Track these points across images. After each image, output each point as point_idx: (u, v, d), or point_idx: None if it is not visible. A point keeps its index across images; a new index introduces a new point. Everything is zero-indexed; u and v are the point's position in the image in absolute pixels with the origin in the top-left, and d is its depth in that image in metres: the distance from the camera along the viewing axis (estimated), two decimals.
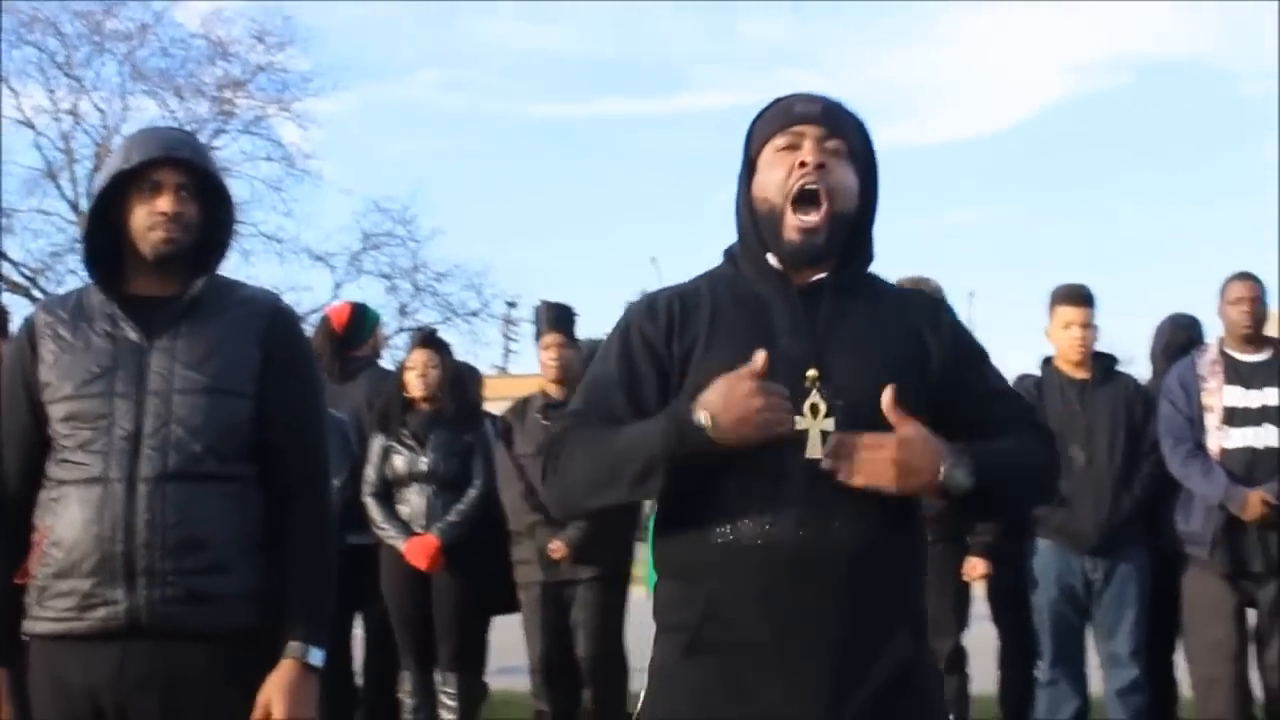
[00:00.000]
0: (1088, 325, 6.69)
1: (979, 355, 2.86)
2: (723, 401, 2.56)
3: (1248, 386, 6.39)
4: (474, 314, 33.66)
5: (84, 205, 30.62)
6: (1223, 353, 6.49)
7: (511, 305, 36.69)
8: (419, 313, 32.66)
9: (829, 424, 2.63)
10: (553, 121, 66.68)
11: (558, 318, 6.95)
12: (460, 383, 6.99)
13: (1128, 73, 70.23)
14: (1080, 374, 6.69)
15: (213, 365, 3.14)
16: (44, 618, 3.10)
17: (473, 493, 6.74)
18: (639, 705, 2.78)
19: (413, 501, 6.75)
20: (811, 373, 2.65)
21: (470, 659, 6.81)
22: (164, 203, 3.16)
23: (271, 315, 3.27)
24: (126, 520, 3.03)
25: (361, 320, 7.65)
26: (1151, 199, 72.65)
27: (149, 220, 3.17)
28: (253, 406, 3.16)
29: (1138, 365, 12.58)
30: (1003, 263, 64.02)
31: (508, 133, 67.48)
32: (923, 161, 67.70)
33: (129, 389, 3.10)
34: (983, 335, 2.93)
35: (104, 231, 3.22)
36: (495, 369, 41.35)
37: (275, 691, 3.08)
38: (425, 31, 61.56)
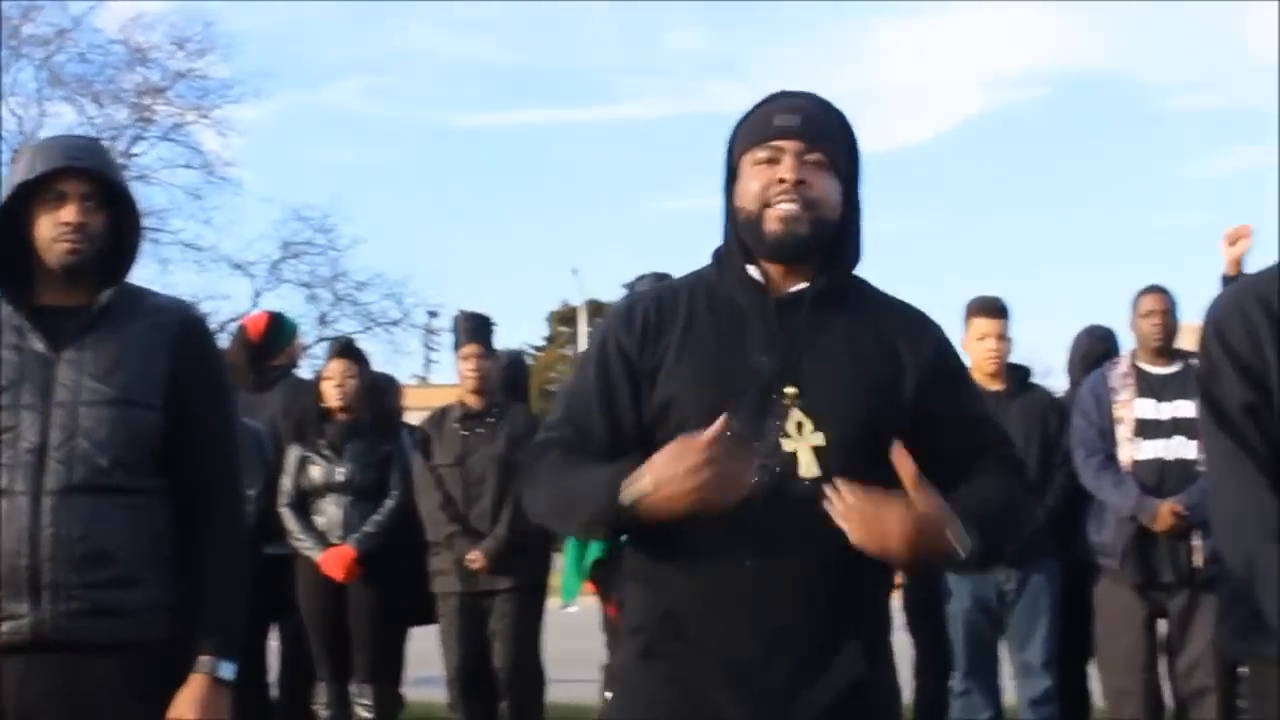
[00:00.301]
0: (1002, 337, 6.75)
1: (957, 377, 2.86)
2: (658, 477, 2.53)
3: (1159, 399, 6.46)
4: (395, 323, 33.58)
5: None
6: (1134, 365, 6.57)
7: (433, 315, 36.58)
8: (339, 322, 32.57)
9: (818, 439, 2.64)
10: (475, 131, 66.84)
11: (476, 328, 6.94)
12: (378, 393, 6.97)
13: (1045, 87, 71.12)
14: (994, 385, 6.74)
15: (120, 377, 3.10)
16: None
17: (389, 503, 6.72)
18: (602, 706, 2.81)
19: (329, 512, 6.72)
20: (790, 390, 2.66)
21: (386, 670, 6.78)
22: (68, 213, 3.13)
23: (181, 324, 3.23)
24: (31, 534, 2.99)
25: (279, 329, 7.61)
26: (1070, 212, 73.54)
27: (53, 231, 3.13)
28: (161, 418, 3.13)
29: (1055, 377, 12.70)
30: (921, 274, 64.50)
31: (429, 141, 67.50)
32: None
33: (35, 401, 3.06)
34: None
35: (11, 242, 3.18)
36: (416, 379, 41.22)
37: (186, 706, 3.05)
38: (348, 39, 61.39)
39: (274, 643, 7.25)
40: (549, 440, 2.81)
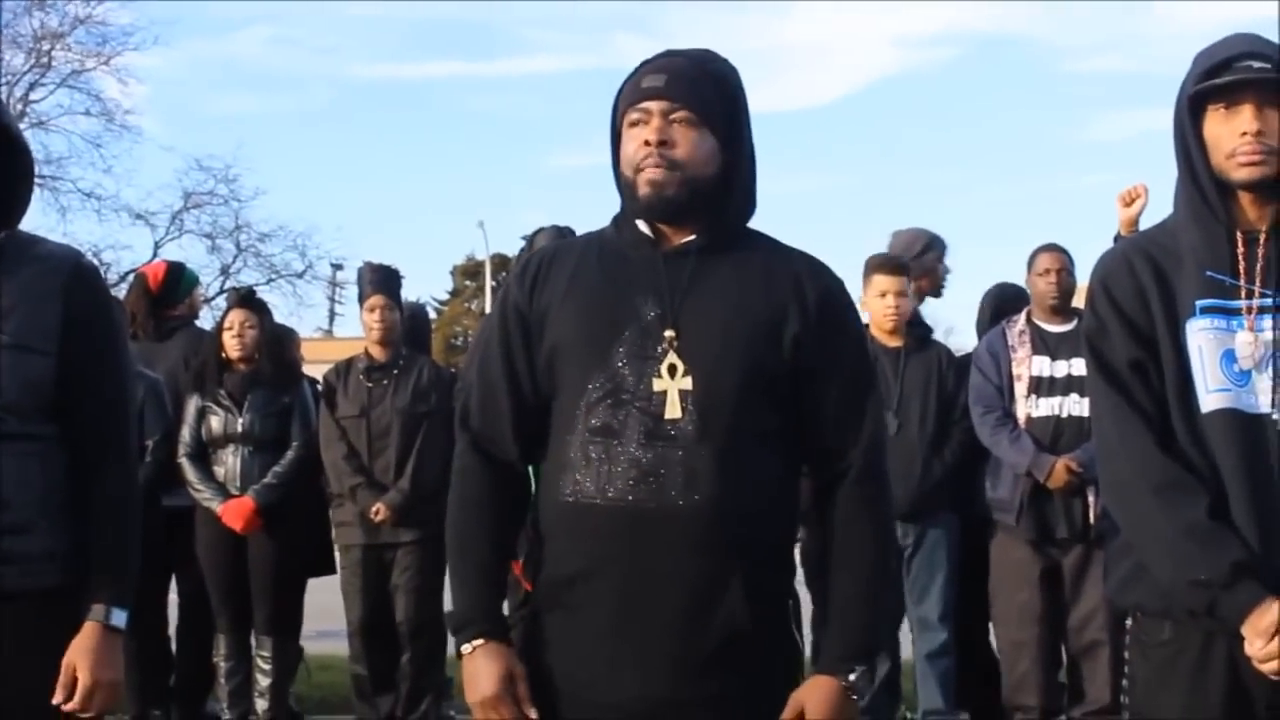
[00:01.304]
0: (901, 294, 6.79)
1: (842, 331, 2.83)
2: (469, 677, 2.76)
3: (1054, 357, 6.55)
4: (299, 276, 33.34)
5: None
6: (1030, 323, 6.65)
7: (337, 267, 36.35)
8: (242, 273, 32.29)
9: (686, 383, 2.67)
10: (381, 82, 66.28)
11: (382, 280, 6.91)
12: (278, 343, 6.92)
13: (957, 47, 71.58)
14: (893, 342, 6.80)
15: (12, 322, 3.05)
16: None
17: (290, 455, 6.68)
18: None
19: (229, 463, 6.68)
20: (669, 333, 2.69)
21: (286, 622, 6.76)
22: None
23: (73, 271, 3.17)
24: None
25: (178, 279, 7.54)
26: (978, 172, 74.17)
27: None
28: (54, 364, 3.09)
29: (958, 336, 12.83)
30: (827, 234, 64.81)
31: (335, 93, 66.89)
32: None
33: None
34: None
35: None
36: (320, 332, 40.98)
37: (78, 655, 3.03)
38: None
39: (173, 595, 7.21)
40: (464, 423, 2.88)
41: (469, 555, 2.82)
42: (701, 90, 2.78)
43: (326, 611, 7.46)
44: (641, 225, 2.80)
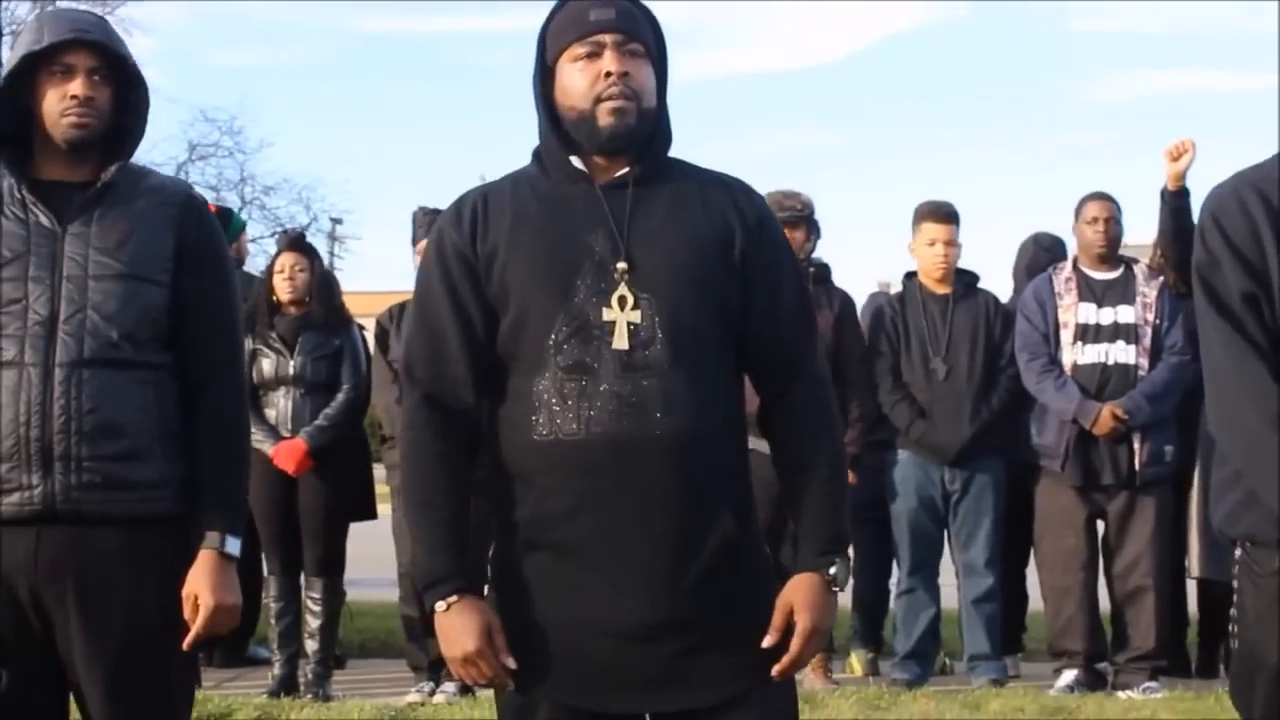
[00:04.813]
0: (951, 243, 6.83)
1: (780, 249, 2.90)
2: (443, 633, 2.74)
3: (1100, 304, 6.59)
4: (304, 229, 33.29)
5: None
6: (1077, 270, 6.69)
7: (337, 221, 36.28)
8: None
9: (635, 316, 2.70)
10: (387, 36, 65.93)
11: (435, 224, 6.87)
12: (328, 287, 6.92)
13: (964, 6, 71.35)
14: (942, 289, 6.84)
15: (128, 252, 3.09)
16: None
17: (341, 397, 6.68)
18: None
19: (280, 405, 6.69)
20: (621, 265, 2.71)
21: (336, 564, 6.78)
22: (76, 87, 3.09)
23: (185, 203, 3.22)
24: (42, 405, 2.99)
25: (226, 222, 7.53)
26: (984, 129, 74.09)
27: (60, 105, 3.10)
28: (168, 294, 3.12)
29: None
30: (834, 189, 64.83)
31: (341, 45, 66.62)
32: (758, 88, 68.28)
33: (43, 274, 3.04)
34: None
35: (13, 114, 3.15)
36: None
37: (199, 582, 3.08)
38: None
39: None
40: (410, 377, 2.86)
41: (433, 512, 2.79)
42: (644, 24, 2.84)
43: (358, 559, 7.47)
44: (575, 161, 2.82)
